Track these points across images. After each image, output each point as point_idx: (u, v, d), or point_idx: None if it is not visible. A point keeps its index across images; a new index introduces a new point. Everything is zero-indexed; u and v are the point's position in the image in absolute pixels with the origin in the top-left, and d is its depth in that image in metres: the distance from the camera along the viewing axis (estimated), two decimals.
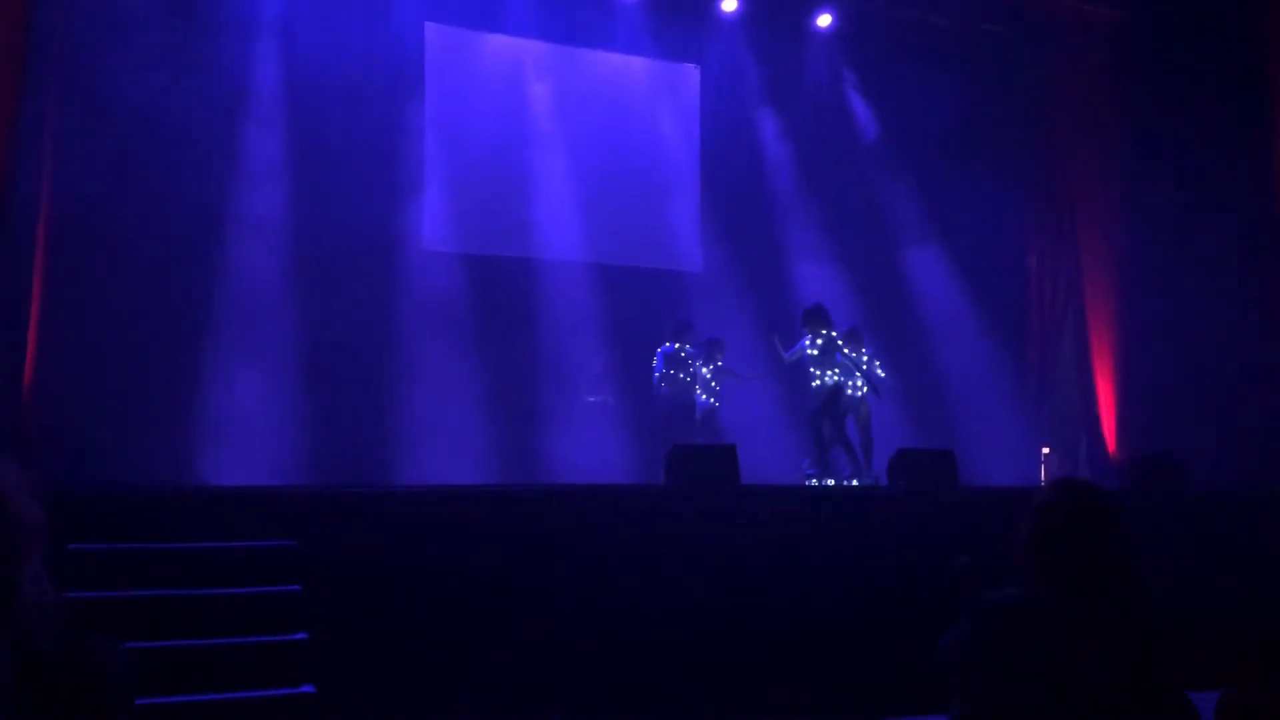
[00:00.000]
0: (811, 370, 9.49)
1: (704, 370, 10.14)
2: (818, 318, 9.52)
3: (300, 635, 5.18)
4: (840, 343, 9.50)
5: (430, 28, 11.08)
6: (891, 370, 10.49)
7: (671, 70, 12.26)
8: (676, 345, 10.04)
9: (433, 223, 10.89)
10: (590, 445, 10.20)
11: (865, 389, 9.62)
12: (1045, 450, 11.81)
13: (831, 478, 9.27)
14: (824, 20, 12.27)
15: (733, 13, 12.06)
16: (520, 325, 10.86)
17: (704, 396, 10.11)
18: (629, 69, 11.96)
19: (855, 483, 9.18)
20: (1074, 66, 11.99)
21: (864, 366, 9.56)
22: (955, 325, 12.10)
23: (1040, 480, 10.94)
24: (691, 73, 12.32)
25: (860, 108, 12.64)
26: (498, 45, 11.37)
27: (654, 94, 12.06)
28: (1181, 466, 7.96)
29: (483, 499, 6.32)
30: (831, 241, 12.17)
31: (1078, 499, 2.30)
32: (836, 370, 9.41)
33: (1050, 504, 2.30)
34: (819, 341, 9.43)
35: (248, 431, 9.14)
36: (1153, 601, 2.24)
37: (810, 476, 9.32)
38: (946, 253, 12.31)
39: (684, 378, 9.97)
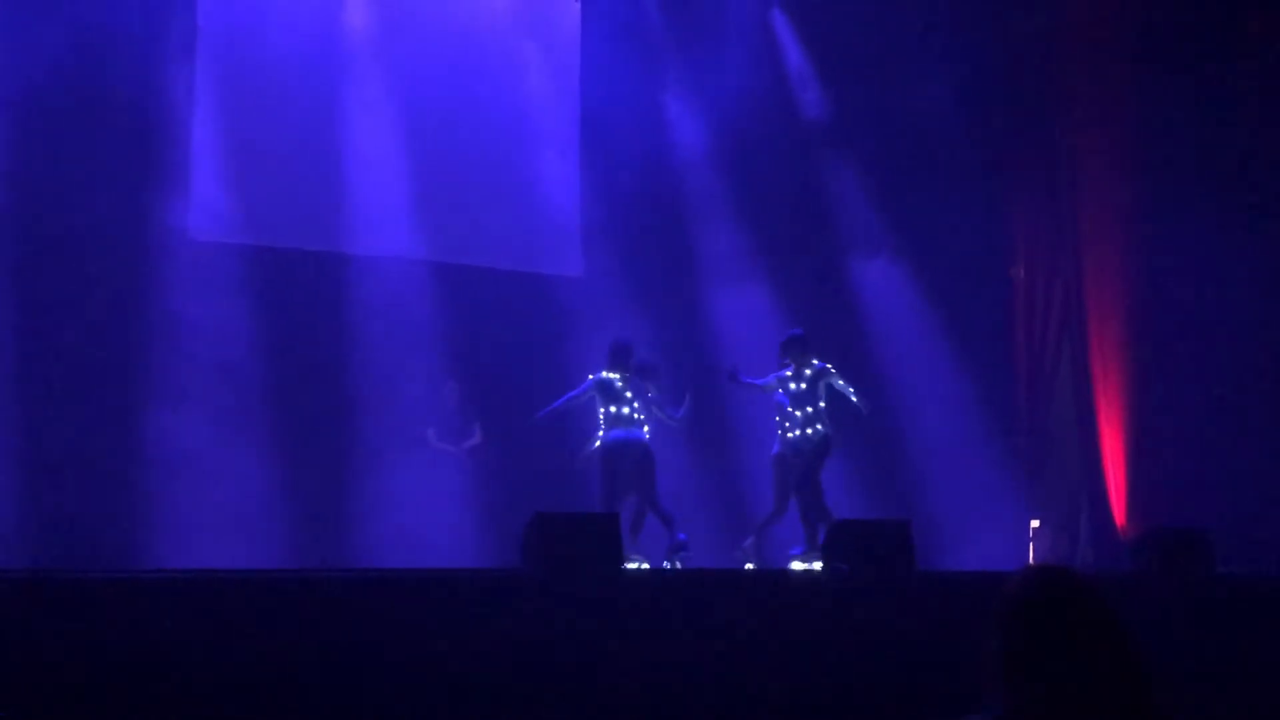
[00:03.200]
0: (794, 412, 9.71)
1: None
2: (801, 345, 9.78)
3: None
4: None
5: None
6: (834, 415, 10.59)
7: (542, 3, 12.26)
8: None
9: (203, 201, 10.69)
10: (426, 513, 10.13)
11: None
12: (1035, 523, 12.09)
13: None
14: None
15: None
16: (325, 344, 10.76)
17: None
18: None
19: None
20: (1083, 17, 12.32)
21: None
22: (917, 357, 12.35)
23: (1030, 561, 11.19)
24: (570, 7, 12.37)
25: (800, 70, 12.86)
26: None
27: (519, 34, 12.07)
28: (1208, 544, 8.24)
29: (261, 591, 6.15)
30: (758, 244, 12.33)
31: (1056, 592, 2.31)
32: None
33: (1021, 601, 2.32)
34: (807, 373, 9.74)
35: None
36: None
37: (795, 557, 9.44)
38: (907, 262, 12.57)
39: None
